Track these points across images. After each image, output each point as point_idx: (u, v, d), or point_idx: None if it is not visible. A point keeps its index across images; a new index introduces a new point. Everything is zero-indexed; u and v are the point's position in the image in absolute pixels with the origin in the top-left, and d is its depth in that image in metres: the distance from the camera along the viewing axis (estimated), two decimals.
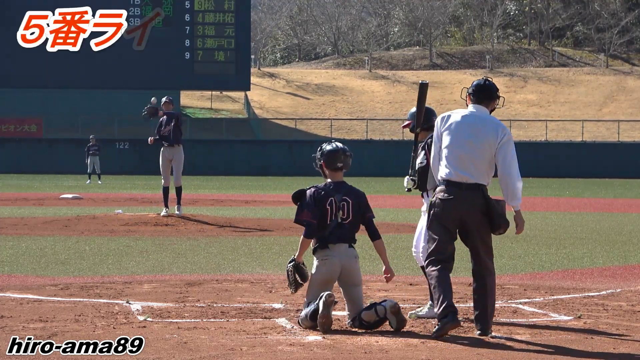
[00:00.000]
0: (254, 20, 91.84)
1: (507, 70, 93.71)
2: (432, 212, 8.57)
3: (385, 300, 8.70)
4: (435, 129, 8.67)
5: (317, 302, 8.53)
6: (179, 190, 21.48)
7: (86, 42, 70.92)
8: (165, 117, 21.30)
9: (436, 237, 8.52)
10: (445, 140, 8.55)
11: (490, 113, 8.82)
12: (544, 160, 69.27)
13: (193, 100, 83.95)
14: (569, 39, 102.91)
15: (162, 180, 21.56)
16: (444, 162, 8.54)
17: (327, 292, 8.53)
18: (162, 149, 21.36)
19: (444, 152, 8.54)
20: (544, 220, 24.52)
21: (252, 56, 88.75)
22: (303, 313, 8.75)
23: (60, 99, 72.53)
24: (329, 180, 9.00)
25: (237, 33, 72.99)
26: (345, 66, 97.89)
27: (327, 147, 8.99)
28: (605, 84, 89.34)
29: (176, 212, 21.44)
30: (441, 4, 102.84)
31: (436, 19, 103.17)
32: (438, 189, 8.58)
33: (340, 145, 9.01)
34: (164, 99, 21.31)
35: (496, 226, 8.53)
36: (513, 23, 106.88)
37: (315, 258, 8.86)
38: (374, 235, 8.92)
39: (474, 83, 8.80)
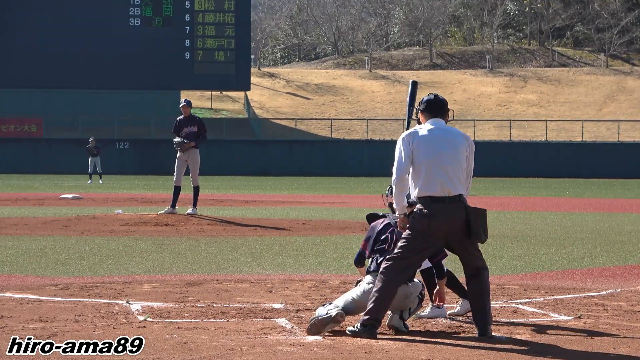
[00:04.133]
0: (254, 20, 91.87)
1: (507, 70, 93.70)
2: (414, 227, 8.45)
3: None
4: (402, 146, 8.53)
5: (330, 310, 8.51)
6: (196, 190, 21.64)
7: (86, 42, 70.95)
8: (182, 118, 21.36)
9: (410, 250, 8.44)
10: (419, 155, 8.47)
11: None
12: (544, 160, 69.28)
13: (193, 100, 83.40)
14: (569, 39, 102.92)
15: (174, 179, 21.57)
16: (422, 178, 8.46)
17: (341, 312, 8.51)
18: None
19: (422, 167, 8.46)
20: (544, 220, 24.52)
21: (252, 56, 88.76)
22: (317, 312, 8.71)
23: (60, 99, 72.57)
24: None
25: (237, 33, 73.02)
26: (345, 66, 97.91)
27: None
28: (605, 84, 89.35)
29: (189, 211, 21.55)
30: (441, 4, 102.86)
31: (436, 19, 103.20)
32: (419, 205, 8.50)
33: None
34: (182, 102, 21.38)
35: (474, 235, 8.50)
36: (513, 23, 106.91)
37: (366, 278, 8.81)
38: (439, 275, 8.96)
39: (424, 99, 8.78)
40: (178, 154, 21.36)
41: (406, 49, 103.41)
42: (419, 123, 8.81)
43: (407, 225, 8.51)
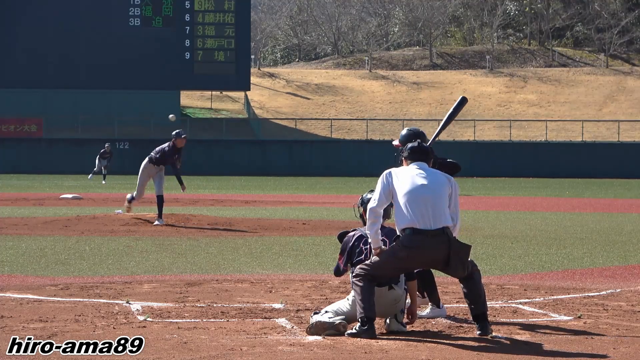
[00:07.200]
0: (254, 20, 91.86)
1: (507, 70, 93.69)
2: (394, 251, 8.47)
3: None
4: (381, 182, 8.59)
5: (334, 318, 8.52)
6: (159, 200, 21.08)
7: (86, 42, 70.99)
8: (175, 147, 21.31)
9: (383, 268, 8.47)
10: (400, 189, 8.51)
11: None
12: (544, 160, 69.27)
13: (193, 100, 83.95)
14: (569, 39, 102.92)
15: (137, 193, 21.50)
16: (403, 210, 8.48)
17: (344, 322, 8.52)
18: (149, 165, 21.40)
19: (402, 200, 8.49)
20: (544, 220, 24.52)
21: (252, 56, 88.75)
22: (319, 318, 8.65)
23: (60, 99, 72.55)
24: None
25: (237, 33, 73.03)
26: (345, 66, 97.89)
27: (368, 195, 9.09)
28: (605, 84, 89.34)
29: (156, 222, 20.85)
30: (441, 4, 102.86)
31: (436, 19, 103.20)
32: (403, 236, 8.49)
33: None
34: (182, 134, 21.25)
35: (451, 270, 8.49)
36: (513, 23, 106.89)
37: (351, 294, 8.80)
38: (409, 276, 8.91)
39: (408, 146, 8.85)
40: (143, 167, 21.38)
41: (406, 49, 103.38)
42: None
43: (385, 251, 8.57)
